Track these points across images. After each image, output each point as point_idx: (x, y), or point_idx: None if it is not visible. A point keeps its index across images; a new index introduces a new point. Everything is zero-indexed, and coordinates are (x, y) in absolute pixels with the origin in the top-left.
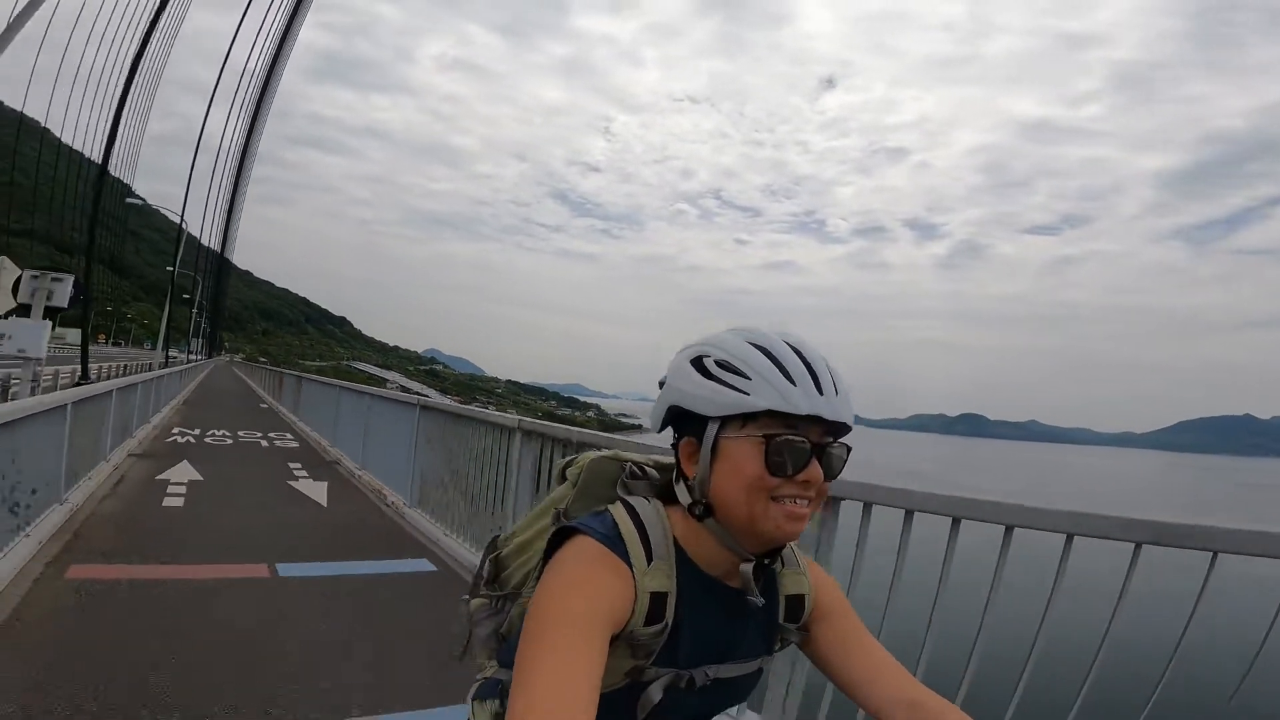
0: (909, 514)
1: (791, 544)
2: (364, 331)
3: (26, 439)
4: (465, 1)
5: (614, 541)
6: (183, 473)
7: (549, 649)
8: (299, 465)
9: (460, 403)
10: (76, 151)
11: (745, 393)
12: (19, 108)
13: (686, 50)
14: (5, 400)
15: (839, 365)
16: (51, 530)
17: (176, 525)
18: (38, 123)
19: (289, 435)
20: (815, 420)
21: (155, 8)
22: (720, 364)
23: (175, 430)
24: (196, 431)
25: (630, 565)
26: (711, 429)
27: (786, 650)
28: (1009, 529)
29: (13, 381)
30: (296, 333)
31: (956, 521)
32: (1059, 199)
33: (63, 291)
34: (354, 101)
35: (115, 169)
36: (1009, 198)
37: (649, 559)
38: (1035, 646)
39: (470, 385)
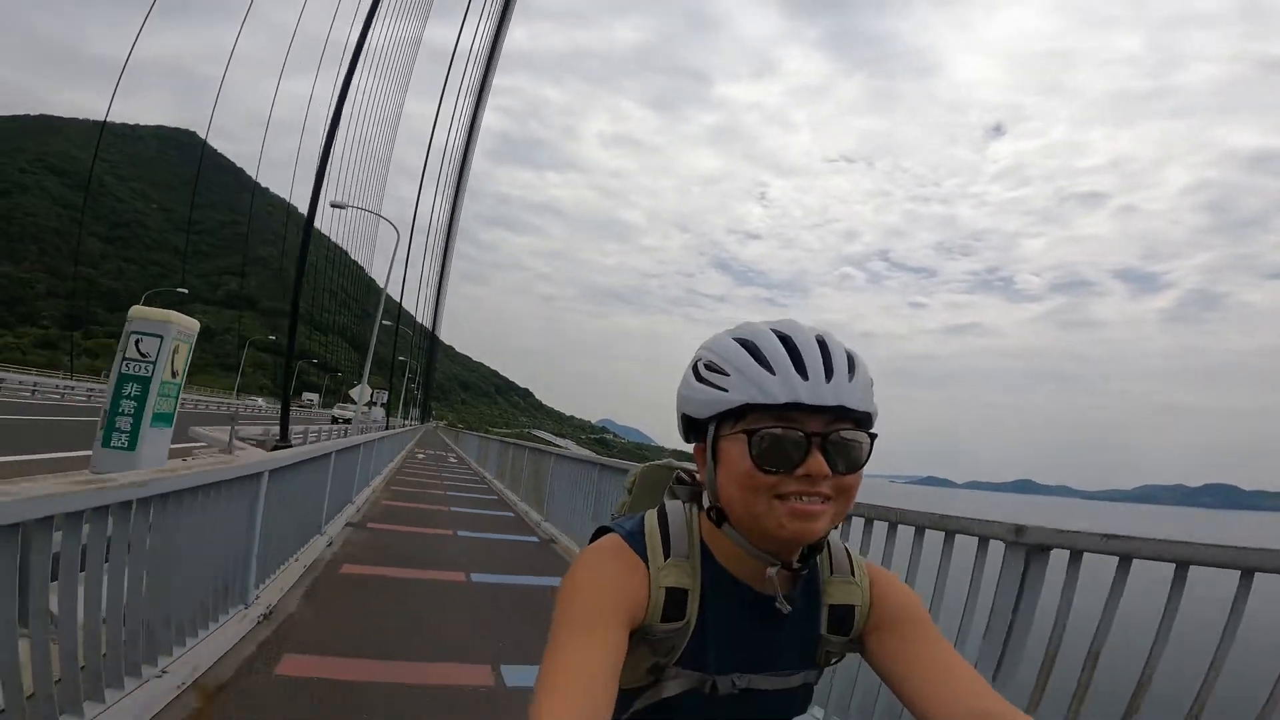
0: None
1: (849, 551)
2: (544, 402)
3: (386, 444)
4: (613, 77)
5: (635, 538)
6: (419, 456)
7: (562, 636)
8: (454, 459)
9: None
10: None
11: (724, 389)
12: (286, 196)
13: (834, 109)
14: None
15: (851, 349)
16: (396, 463)
17: (416, 465)
18: (296, 207)
19: (454, 452)
20: (814, 410)
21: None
22: (708, 365)
23: (416, 450)
24: (421, 451)
25: (647, 560)
26: (710, 431)
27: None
28: (1183, 565)
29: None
30: (489, 403)
31: (1121, 562)
32: None
33: (383, 397)
34: (532, 180)
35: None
36: (1245, 238)
37: (666, 555)
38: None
39: (636, 454)
